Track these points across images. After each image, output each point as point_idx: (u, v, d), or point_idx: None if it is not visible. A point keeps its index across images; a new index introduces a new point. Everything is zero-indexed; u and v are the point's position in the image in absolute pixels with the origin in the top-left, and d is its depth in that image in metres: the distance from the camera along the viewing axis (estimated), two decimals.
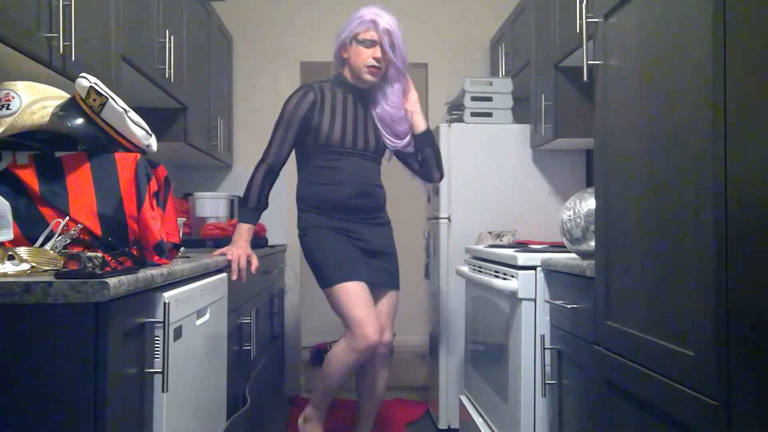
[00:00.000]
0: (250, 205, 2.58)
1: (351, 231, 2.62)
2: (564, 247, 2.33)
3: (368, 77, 2.63)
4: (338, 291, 2.52)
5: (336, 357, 2.57)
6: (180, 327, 1.63)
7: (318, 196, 2.62)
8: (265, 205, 2.62)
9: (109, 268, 1.35)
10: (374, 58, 2.60)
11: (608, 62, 1.74)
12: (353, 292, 2.52)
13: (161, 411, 1.51)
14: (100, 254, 1.42)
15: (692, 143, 1.29)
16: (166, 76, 2.74)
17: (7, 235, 1.45)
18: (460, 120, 3.58)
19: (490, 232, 3.34)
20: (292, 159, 2.72)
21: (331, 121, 2.61)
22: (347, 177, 2.61)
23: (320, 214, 2.61)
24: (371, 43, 2.60)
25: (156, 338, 1.51)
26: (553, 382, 2.17)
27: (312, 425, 2.69)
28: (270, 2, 4.43)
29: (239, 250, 2.44)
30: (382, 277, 2.68)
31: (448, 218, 3.50)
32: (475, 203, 3.49)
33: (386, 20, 2.60)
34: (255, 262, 2.47)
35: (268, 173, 2.60)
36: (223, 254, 2.39)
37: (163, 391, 1.50)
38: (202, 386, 1.86)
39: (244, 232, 2.54)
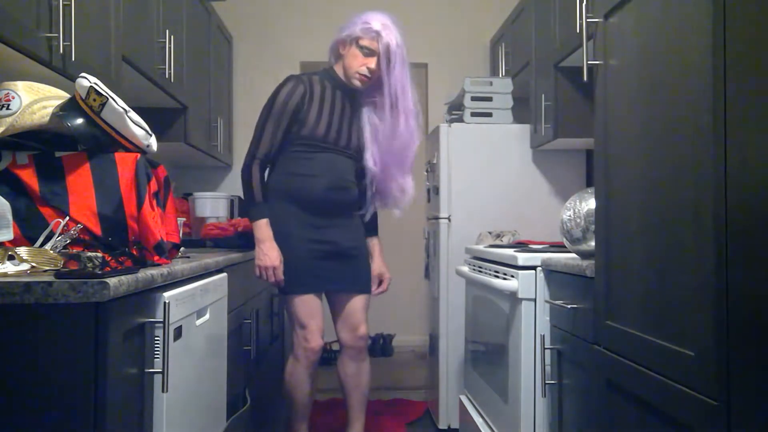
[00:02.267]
0: (258, 200, 2.58)
1: (321, 228, 2.62)
2: (564, 247, 2.33)
3: (356, 83, 2.64)
4: (295, 299, 2.63)
5: (288, 375, 2.72)
6: (180, 327, 1.63)
7: (293, 187, 2.61)
8: (267, 199, 2.63)
9: (109, 268, 1.35)
10: (368, 68, 2.60)
11: (608, 62, 1.74)
12: (307, 302, 2.63)
13: (161, 411, 1.51)
14: (100, 254, 1.42)
15: (692, 143, 1.29)
16: (166, 76, 2.74)
17: (7, 235, 1.45)
18: (460, 120, 3.58)
19: (490, 232, 3.34)
20: None
21: (318, 115, 2.61)
22: (323, 169, 2.62)
23: (291, 209, 2.61)
24: (369, 52, 2.59)
25: (156, 338, 1.51)
26: (553, 382, 2.17)
27: None
28: (270, 2, 4.44)
29: (268, 261, 2.54)
30: (353, 283, 2.71)
31: (448, 218, 3.50)
32: (475, 203, 3.49)
33: (392, 36, 2.57)
34: (280, 275, 2.56)
35: (262, 168, 2.61)
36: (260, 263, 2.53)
37: (163, 391, 1.50)
38: (202, 386, 1.85)
39: (265, 228, 2.57)
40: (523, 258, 2.33)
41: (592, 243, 1.92)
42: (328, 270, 2.64)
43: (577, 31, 2.33)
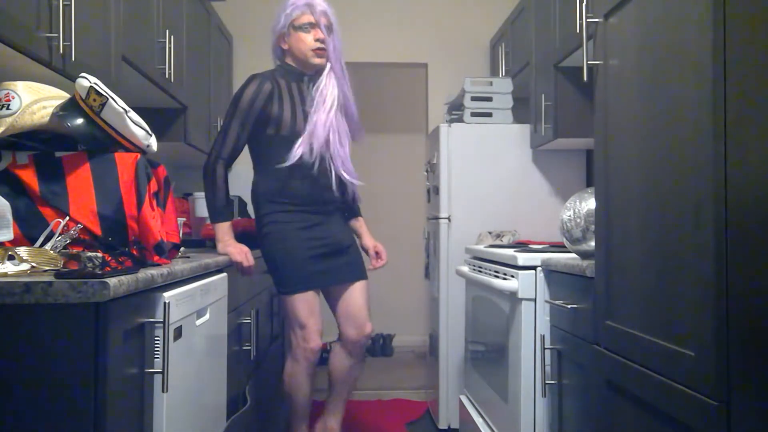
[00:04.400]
0: (220, 203, 2.56)
1: (317, 226, 2.62)
2: (564, 247, 2.33)
3: (316, 60, 2.62)
4: (295, 299, 2.60)
5: (288, 376, 2.69)
6: (180, 327, 1.63)
7: (282, 191, 2.59)
8: (231, 201, 2.62)
9: (109, 268, 1.35)
10: (317, 40, 2.59)
11: (608, 62, 1.74)
12: (306, 301, 2.60)
13: (161, 411, 1.51)
14: (100, 254, 1.42)
15: (692, 143, 1.29)
16: (166, 76, 2.74)
17: (7, 235, 1.45)
18: (460, 120, 3.58)
19: (490, 232, 3.34)
20: None
21: (293, 111, 2.58)
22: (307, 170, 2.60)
23: (286, 210, 2.59)
24: (310, 26, 2.60)
25: (156, 338, 1.50)
26: (553, 382, 2.17)
27: None
28: (270, 2, 4.42)
29: (239, 247, 2.48)
30: (350, 272, 2.71)
31: (448, 218, 3.50)
32: (475, 203, 3.49)
33: (320, 2, 2.61)
34: (252, 259, 2.51)
35: (226, 169, 2.59)
36: (225, 254, 2.41)
37: (163, 391, 1.50)
38: (202, 386, 1.85)
39: (227, 230, 2.55)
40: (523, 258, 2.33)
41: (592, 243, 1.92)
42: (326, 266, 2.64)
43: (577, 31, 2.33)
